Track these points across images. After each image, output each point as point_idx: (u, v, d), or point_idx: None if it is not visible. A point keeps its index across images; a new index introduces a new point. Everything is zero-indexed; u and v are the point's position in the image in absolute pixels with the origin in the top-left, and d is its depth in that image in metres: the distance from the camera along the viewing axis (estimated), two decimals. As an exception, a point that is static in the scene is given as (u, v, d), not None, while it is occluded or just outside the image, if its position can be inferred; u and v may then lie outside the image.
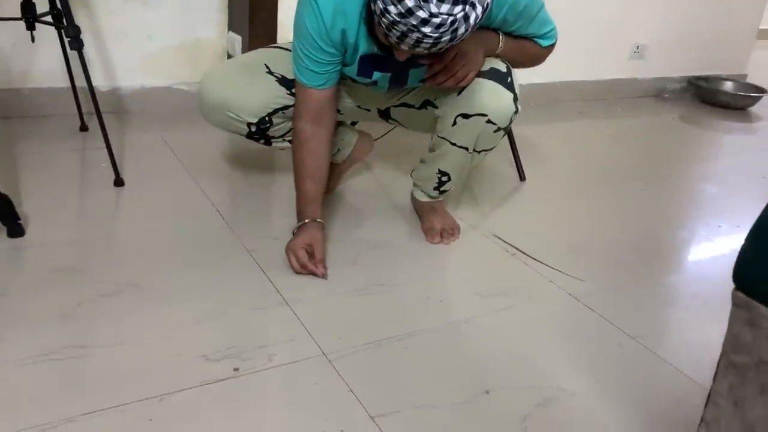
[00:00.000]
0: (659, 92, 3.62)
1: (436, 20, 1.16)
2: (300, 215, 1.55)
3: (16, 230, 1.53)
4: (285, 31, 2.40)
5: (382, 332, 1.35)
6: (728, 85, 3.64)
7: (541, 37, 1.58)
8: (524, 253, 1.73)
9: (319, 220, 1.55)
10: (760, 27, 3.90)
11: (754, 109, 3.51)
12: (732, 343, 0.83)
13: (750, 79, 3.83)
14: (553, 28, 1.59)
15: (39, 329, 1.24)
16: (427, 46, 1.21)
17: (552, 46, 1.61)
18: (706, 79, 3.64)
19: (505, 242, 1.78)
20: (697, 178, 2.50)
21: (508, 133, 2.24)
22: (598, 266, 1.72)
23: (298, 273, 1.50)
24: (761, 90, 3.55)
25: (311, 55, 1.44)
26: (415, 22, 1.17)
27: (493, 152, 1.67)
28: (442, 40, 1.20)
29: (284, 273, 1.50)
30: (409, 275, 1.58)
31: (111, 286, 1.40)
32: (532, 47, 1.58)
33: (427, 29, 1.17)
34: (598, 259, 1.76)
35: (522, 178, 2.24)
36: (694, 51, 3.62)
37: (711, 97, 3.54)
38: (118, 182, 1.85)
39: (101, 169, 1.92)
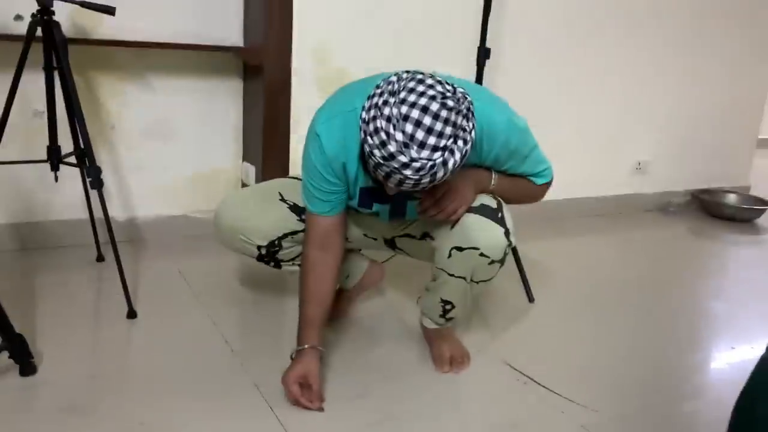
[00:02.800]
0: (664, 206, 3.68)
1: (416, 164, 1.24)
2: (298, 340, 1.57)
3: (28, 369, 1.54)
4: (297, 161, 2.51)
5: (392, 472, 1.32)
6: (732, 198, 3.69)
7: (535, 175, 1.64)
8: (535, 381, 1.71)
9: (316, 347, 1.56)
10: (760, 137, 4.02)
11: (760, 220, 3.54)
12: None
13: (753, 191, 3.90)
14: (548, 168, 1.65)
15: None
16: (410, 185, 1.29)
17: (547, 184, 1.68)
18: (709, 192, 3.70)
19: (516, 370, 1.77)
20: (706, 295, 2.50)
21: (515, 253, 2.27)
22: (611, 394, 1.69)
23: (295, 405, 1.50)
24: (765, 202, 3.60)
25: (316, 185, 1.52)
26: (396, 165, 1.24)
27: (501, 272, 1.68)
28: (423, 181, 1.27)
29: (291, 409, 1.49)
30: (420, 408, 1.56)
31: (118, 425, 1.39)
32: (526, 185, 1.64)
33: (407, 172, 1.25)
34: (609, 385, 1.74)
35: (531, 299, 2.25)
36: (696, 164, 3.71)
37: (716, 210, 3.59)
38: (131, 314, 1.89)
39: (115, 300, 1.96)
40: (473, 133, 1.28)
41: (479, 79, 2.20)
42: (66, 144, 2.00)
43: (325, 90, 2.46)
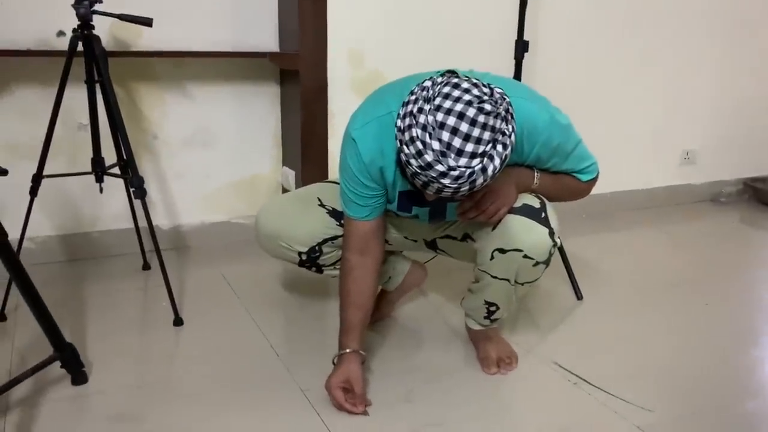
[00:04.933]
0: (715, 196, 3.56)
1: (455, 173, 1.20)
2: (340, 345, 1.56)
3: (80, 378, 1.57)
4: (335, 165, 2.50)
5: (441, 478, 1.29)
6: (788, 185, 3.55)
7: (580, 172, 1.59)
8: (586, 381, 1.66)
9: (358, 351, 1.55)
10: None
11: (819, 207, 3.39)
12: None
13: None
14: (593, 163, 1.60)
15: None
16: (449, 193, 1.25)
17: (593, 181, 1.62)
18: (763, 180, 3.56)
19: (566, 369, 1.72)
20: (763, 288, 2.39)
21: (561, 250, 2.22)
22: (667, 393, 1.63)
23: (340, 410, 1.49)
24: (823, 188, 3.45)
25: (354, 190, 1.50)
26: (434, 175, 1.21)
27: (548, 270, 1.64)
28: (461, 189, 1.24)
29: (338, 414, 1.48)
30: (466, 412, 1.53)
31: (168, 434, 1.40)
32: (571, 182, 1.59)
33: (446, 181, 1.22)
34: (665, 384, 1.68)
35: (579, 297, 2.19)
36: (746, 152, 3.58)
37: (771, 198, 3.46)
38: (177, 322, 1.91)
39: (162, 308, 1.98)
40: (513, 136, 1.25)
41: (518, 73, 2.15)
42: (110, 156, 2.04)
43: (361, 93, 2.45)
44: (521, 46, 2.17)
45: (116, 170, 2.02)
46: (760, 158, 3.63)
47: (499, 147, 1.22)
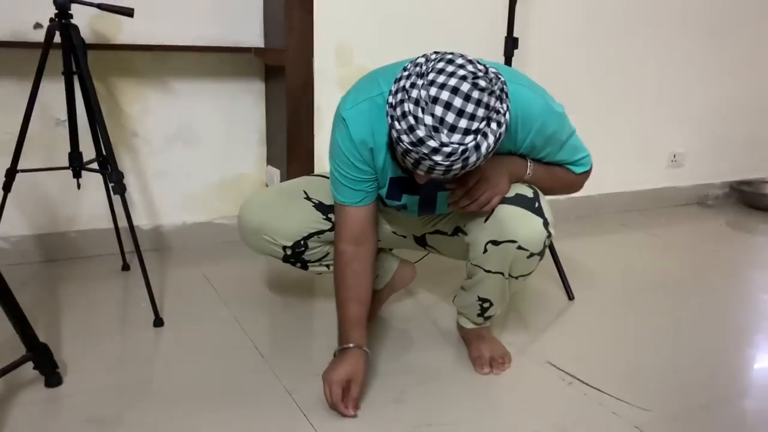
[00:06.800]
0: (702, 199, 3.55)
1: (447, 149, 1.16)
2: (344, 339, 1.47)
3: (53, 380, 1.49)
4: (321, 164, 2.46)
5: (435, 480, 1.24)
6: (773, 188, 3.56)
7: (574, 163, 1.55)
8: (582, 381, 1.62)
9: (364, 348, 1.47)
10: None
11: (805, 211, 3.40)
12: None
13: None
14: (587, 155, 1.56)
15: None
16: (440, 172, 1.21)
17: (586, 173, 1.58)
18: (749, 183, 3.56)
19: (560, 369, 1.67)
20: (753, 288, 2.37)
21: (552, 250, 2.18)
22: (663, 392, 1.59)
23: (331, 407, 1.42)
24: (809, 191, 3.46)
25: (346, 173, 1.44)
26: (426, 151, 1.17)
27: (538, 270, 1.60)
28: (454, 167, 1.19)
29: (326, 416, 1.42)
30: (460, 413, 1.47)
31: (147, 437, 1.33)
32: (564, 174, 1.55)
33: (438, 157, 1.17)
34: (661, 383, 1.64)
35: (570, 297, 2.15)
36: (733, 155, 3.58)
37: (756, 202, 3.46)
38: (158, 322, 1.83)
39: (142, 309, 1.91)
40: (507, 114, 1.20)
41: (508, 70, 2.11)
42: (88, 152, 1.97)
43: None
44: (511, 43, 2.15)
45: (95, 166, 1.95)
46: (746, 161, 3.63)
47: (493, 125, 1.17)
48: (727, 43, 3.34)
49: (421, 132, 1.15)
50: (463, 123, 1.15)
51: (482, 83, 1.16)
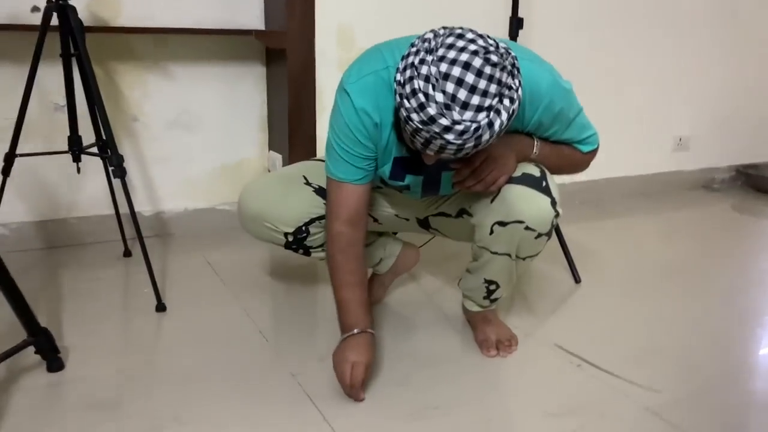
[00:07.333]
0: (708, 183, 3.52)
1: (459, 127, 1.12)
2: (352, 322, 1.42)
3: (55, 365, 1.48)
4: (323, 149, 2.43)
5: (443, 463, 1.22)
6: (780, 172, 3.52)
7: (581, 142, 1.51)
8: (591, 363, 1.60)
9: (371, 331, 1.44)
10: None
11: (812, 194, 3.37)
12: None
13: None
14: (594, 134, 1.53)
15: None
16: (452, 152, 1.17)
17: (593, 152, 1.55)
18: (755, 166, 3.53)
19: (568, 352, 1.65)
20: (760, 271, 2.35)
21: (558, 233, 2.16)
22: (673, 373, 1.57)
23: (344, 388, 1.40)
24: (816, 174, 3.42)
25: (348, 148, 1.38)
26: (437, 130, 1.13)
27: (543, 253, 1.57)
28: (466, 146, 1.16)
29: (331, 399, 1.40)
30: (467, 395, 1.45)
31: (150, 422, 1.31)
32: (571, 153, 1.52)
33: (450, 136, 1.13)
34: (670, 365, 1.61)
35: (577, 280, 2.13)
36: (739, 139, 3.55)
37: (763, 185, 3.42)
38: (160, 308, 1.81)
39: (144, 294, 1.89)
40: (520, 90, 1.17)
41: (513, 50, 2.08)
42: (88, 137, 1.94)
43: (350, 71, 2.36)
44: (516, 24, 2.11)
45: (95, 150, 1.92)
46: (752, 145, 3.60)
47: (506, 101, 1.14)
48: (732, 26, 3.30)
49: (432, 110, 1.12)
50: (475, 100, 1.12)
51: (494, 58, 1.12)
